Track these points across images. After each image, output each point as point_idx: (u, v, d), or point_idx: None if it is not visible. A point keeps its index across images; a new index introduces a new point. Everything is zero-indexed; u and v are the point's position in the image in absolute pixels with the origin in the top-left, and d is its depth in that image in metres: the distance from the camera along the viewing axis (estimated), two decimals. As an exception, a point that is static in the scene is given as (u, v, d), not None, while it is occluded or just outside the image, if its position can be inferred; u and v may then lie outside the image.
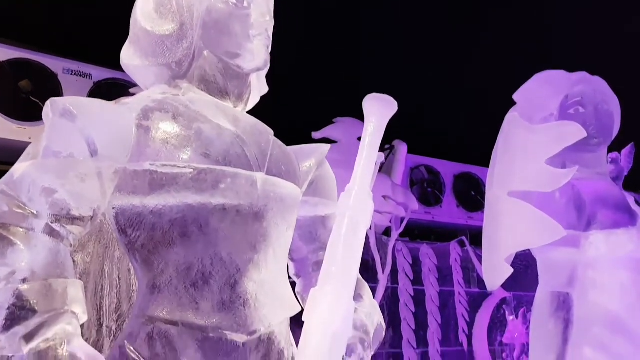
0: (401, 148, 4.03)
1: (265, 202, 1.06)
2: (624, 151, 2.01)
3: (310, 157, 1.29)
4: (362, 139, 1.12)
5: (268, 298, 1.05)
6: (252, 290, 1.02)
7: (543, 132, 1.61)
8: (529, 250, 2.82)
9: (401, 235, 3.91)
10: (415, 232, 4.45)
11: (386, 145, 4.14)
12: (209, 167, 1.00)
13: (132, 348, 0.96)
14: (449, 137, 4.49)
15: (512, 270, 1.68)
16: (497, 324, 3.46)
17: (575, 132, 1.54)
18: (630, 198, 1.87)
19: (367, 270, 3.20)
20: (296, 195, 1.17)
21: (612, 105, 1.85)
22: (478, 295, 3.50)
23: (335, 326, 0.93)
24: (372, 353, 1.15)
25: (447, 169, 4.51)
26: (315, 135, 2.88)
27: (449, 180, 4.48)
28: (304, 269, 1.29)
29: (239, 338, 0.98)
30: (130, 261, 1.04)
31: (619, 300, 1.67)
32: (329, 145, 1.36)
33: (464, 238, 3.58)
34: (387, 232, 3.59)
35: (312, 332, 0.94)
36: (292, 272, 1.32)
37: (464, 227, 4.19)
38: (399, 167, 3.97)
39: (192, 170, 0.98)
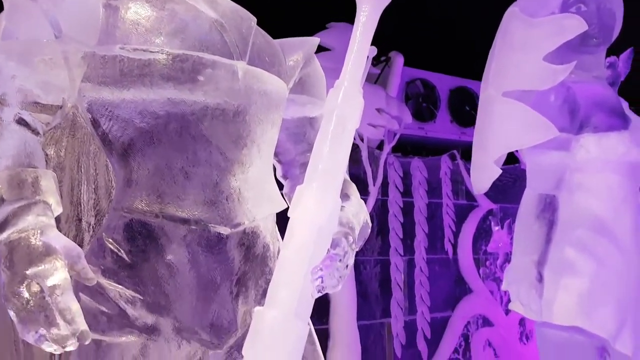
0: (397, 60, 3.92)
1: (247, 96, 1.02)
2: (622, 56, 1.96)
3: (298, 50, 1.23)
4: (353, 30, 1.06)
5: (252, 193, 1.04)
6: (236, 186, 1.01)
7: (543, 25, 1.55)
8: (517, 163, 2.84)
9: (394, 150, 3.91)
10: (408, 148, 4.45)
11: (382, 56, 4.03)
12: (184, 52, 0.94)
13: (110, 240, 0.96)
14: (446, 50, 4.35)
15: (500, 171, 1.69)
16: (482, 234, 3.57)
17: (576, 25, 1.49)
18: (624, 103, 1.85)
19: (359, 183, 3.21)
20: (282, 91, 1.13)
21: (615, 4, 1.78)
22: (465, 207, 3.58)
23: (321, 220, 0.95)
24: (358, 248, 1.16)
25: (444, 83, 4.42)
26: (308, 39, 2.76)
27: (445, 94, 4.41)
28: (292, 171, 1.28)
29: (223, 230, 0.98)
30: (106, 156, 1.02)
31: (604, 203, 1.70)
32: (318, 39, 1.30)
33: (455, 152, 3.60)
34: (380, 146, 3.59)
35: (297, 225, 0.95)
36: (279, 174, 1.31)
37: (457, 143, 4.18)
38: (395, 80, 3.88)
39: (165, 55, 0.93)
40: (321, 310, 2.79)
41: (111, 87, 0.93)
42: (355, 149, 3.24)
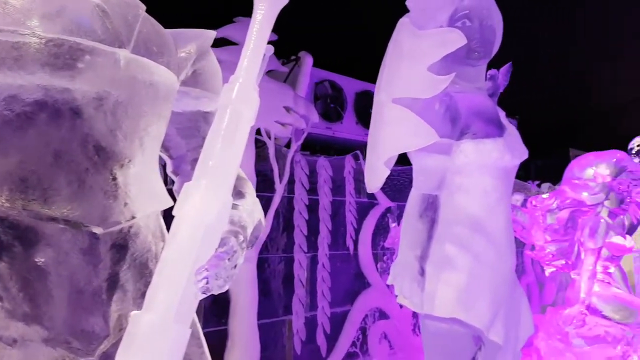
0: (307, 60, 3.98)
1: (130, 86, 0.96)
2: (502, 69, 2.13)
3: (192, 42, 1.16)
4: (249, 27, 1.06)
5: (132, 190, 0.98)
6: (112, 181, 0.94)
7: (428, 37, 1.65)
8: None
9: (302, 149, 3.97)
10: (316, 147, 4.54)
11: (292, 56, 4.07)
12: (59, 37, 0.87)
13: None
14: (354, 54, 4.50)
15: (388, 172, 1.77)
16: (380, 231, 3.72)
17: (456, 39, 1.60)
18: (501, 113, 2.02)
19: (265, 180, 3.25)
20: (170, 83, 1.07)
21: (495, 22, 1.94)
22: (367, 205, 3.72)
23: (208, 219, 0.90)
24: (250, 248, 1.14)
25: (350, 86, 4.57)
26: (213, 34, 2.72)
27: (351, 97, 4.56)
28: (182, 167, 1.23)
29: (96, 229, 0.90)
30: None
31: (480, 203, 1.84)
32: (214, 32, 1.27)
33: (358, 152, 3.72)
34: (288, 144, 3.62)
35: (182, 224, 0.90)
36: (169, 169, 1.25)
37: (362, 143, 4.33)
38: (304, 79, 3.94)
39: (37, 39, 0.85)
40: (220, 311, 2.77)
41: None
42: (262, 146, 3.24)
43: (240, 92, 0.99)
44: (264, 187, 3.23)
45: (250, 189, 1.21)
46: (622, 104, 7.09)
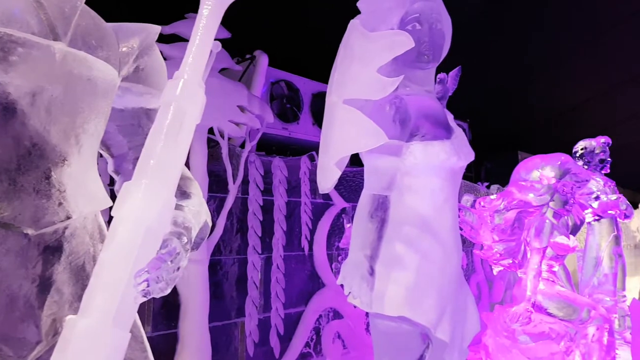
0: (262, 59, 3.95)
1: (66, 81, 0.93)
2: (451, 73, 2.18)
3: (134, 36, 1.13)
4: (195, 23, 1.04)
5: (67, 189, 0.94)
6: (44, 179, 0.90)
7: (377, 40, 1.67)
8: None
9: (258, 149, 3.94)
10: (272, 147, 4.51)
11: (247, 55, 4.03)
12: None
13: None
14: (311, 55, 4.50)
15: (340, 173, 1.78)
16: (335, 231, 3.74)
17: (404, 42, 1.62)
18: (450, 116, 2.07)
19: (219, 181, 3.20)
20: (110, 78, 1.04)
21: (445, 26, 1.98)
22: (322, 206, 3.73)
23: (148, 220, 0.88)
24: (195, 249, 1.12)
25: (307, 87, 4.57)
26: (164, 30, 2.65)
27: (307, 98, 4.56)
28: (124, 165, 1.19)
29: (28, 230, 0.87)
30: None
31: (428, 204, 1.87)
32: (159, 27, 1.24)
33: (314, 153, 3.73)
34: (243, 145, 3.58)
35: (121, 225, 0.88)
36: (110, 168, 1.22)
37: (318, 145, 4.34)
38: (259, 79, 3.91)
39: None
40: (170, 314, 2.71)
41: None
42: (215, 146, 3.20)
43: (185, 88, 0.98)
44: (218, 188, 3.18)
45: (196, 190, 1.18)
46: (568, 110, 7.42)
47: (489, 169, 7.58)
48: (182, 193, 1.12)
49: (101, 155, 1.23)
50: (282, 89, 4.41)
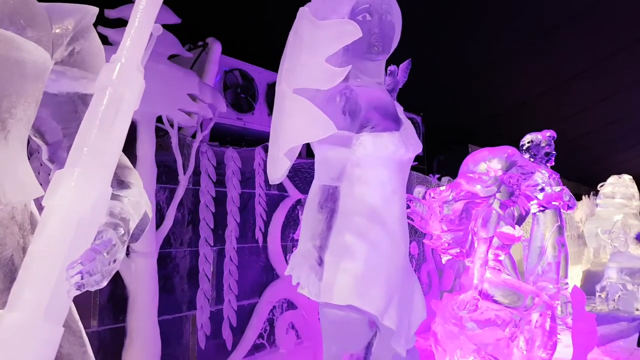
0: (215, 46, 3.87)
1: None
2: (401, 66, 2.21)
3: (69, 17, 1.08)
4: (135, 4, 0.99)
5: None
6: None
7: (325, 28, 1.66)
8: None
9: (212, 140, 3.86)
10: (227, 138, 4.43)
11: (199, 42, 3.94)
12: None
13: None
14: (266, 44, 4.45)
15: (290, 163, 1.77)
16: (291, 222, 3.72)
17: (352, 31, 1.62)
18: (399, 108, 2.09)
19: (169, 172, 3.12)
20: (41, 60, 0.99)
21: (395, 17, 1.99)
22: (277, 197, 3.70)
23: (82, 210, 0.85)
24: (135, 241, 1.09)
25: (262, 77, 4.52)
26: (110, 13, 2.55)
27: (263, 88, 4.50)
28: (58, 153, 1.14)
29: None
30: None
31: (377, 194, 1.89)
32: (97, 8, 1.19)
33: (268, 144, 3.69)
34: (195, 135, 3.51)
35: (52, 215, 0.84)
36: (44, 156, 1.16)
37: (273, 136, 4.31)
38: (211, 67, 3.83)
39: None
40: (117, 308, 2.63)
41: None
42: (164, 135, 3.11)
43: (122, 73, 0.94)
44: (167, 179, 3.10)
45: (136, 179, 1.15)
46: (516, 104, 7.69)
47: (441, 161, 7.76)
48: (120, 183, 1.09)
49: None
50: (236, 78, 4.33)
